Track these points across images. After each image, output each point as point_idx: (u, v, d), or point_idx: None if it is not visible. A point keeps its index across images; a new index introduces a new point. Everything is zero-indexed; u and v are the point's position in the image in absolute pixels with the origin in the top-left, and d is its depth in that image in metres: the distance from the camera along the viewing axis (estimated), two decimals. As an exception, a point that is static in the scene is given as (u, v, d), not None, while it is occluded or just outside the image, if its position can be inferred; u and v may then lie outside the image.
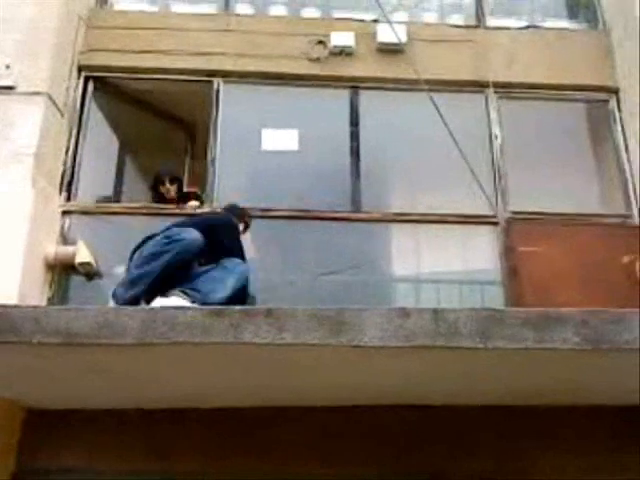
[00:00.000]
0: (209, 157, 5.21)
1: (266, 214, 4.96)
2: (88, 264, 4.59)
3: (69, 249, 4.64)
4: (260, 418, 3.82)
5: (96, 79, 5.41)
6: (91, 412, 3.80)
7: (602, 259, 4.76)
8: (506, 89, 5.52)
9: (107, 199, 5.49)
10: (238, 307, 2.87)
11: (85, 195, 5.13)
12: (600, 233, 4.95)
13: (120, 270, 4.72)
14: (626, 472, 3.67)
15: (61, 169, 4.99)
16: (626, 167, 5.33)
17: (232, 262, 3.89)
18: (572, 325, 2.74)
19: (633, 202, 5.21)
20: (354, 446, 3.83)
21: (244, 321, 2.71)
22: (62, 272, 4.68)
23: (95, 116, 5.42)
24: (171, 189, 5.17)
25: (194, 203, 5.04)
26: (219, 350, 2.81)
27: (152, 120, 6.01)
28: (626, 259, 4.78)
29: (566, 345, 2.72)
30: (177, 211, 4.91)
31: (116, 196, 5.73)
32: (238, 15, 5.76)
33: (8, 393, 3.62)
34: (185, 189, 5.41)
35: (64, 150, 5.05)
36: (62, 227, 4.82)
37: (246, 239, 4.27)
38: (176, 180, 5.23)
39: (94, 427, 3.81)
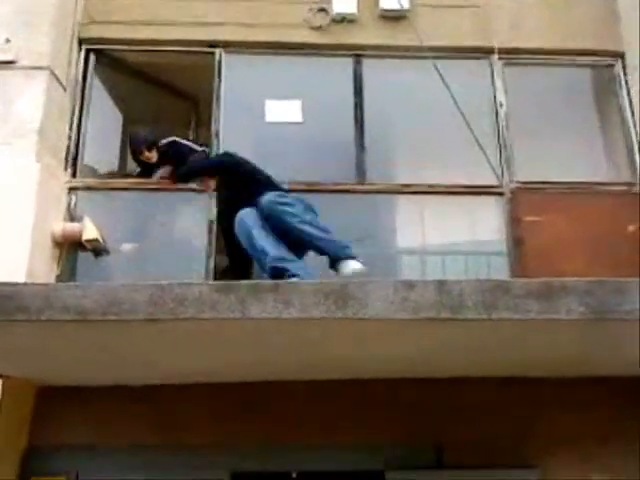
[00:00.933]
0: (213, 129, 5.17)
1: (270, 186, 4.93)
2: (95, 241, 4.58)
3: (76, 226, 4.63)
4: (268, 391, 3.89)
5: (97, 52, 5.34)
6: (100, 388, 3.87)
7: (607, 228, 4.74)
8: (511, 55, 5.43)
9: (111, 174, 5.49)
10: (245, 282, 2.88)
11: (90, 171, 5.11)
12: (605, 202, 4.91)
13: (128, 247, 4.76)
14: (630, 442, 3.72)
15: (65, 145, 4.96)
16: (632, 133, 5.28)
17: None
18: (576, 295, 2.74)
19: (639, 170, 5.16)
20: (360, 416, 3.91)
21: (251, 296, 2.72)
22: (70, 249, 4.67)
23: (98, 90, 5.37)
24: (151, 156, 5.12)
25: (167, 169, 5.00)
26: (226, 326, 2.84)
27: (155, 92, 5.96)
28: (631, 228, 4.76)
29: (570, 315, 2.72)
30: (183, 186, 4.88)
31: (121, 170, 5.73)
32: (238, -16, 5.66)
33: (19, 372, 3.67)
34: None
35: (68, 125, 5.00)
36: (69, 204, 4.80)
37: None
38: (153, 145, 5.15)
39: (103, 403, 3.90)
